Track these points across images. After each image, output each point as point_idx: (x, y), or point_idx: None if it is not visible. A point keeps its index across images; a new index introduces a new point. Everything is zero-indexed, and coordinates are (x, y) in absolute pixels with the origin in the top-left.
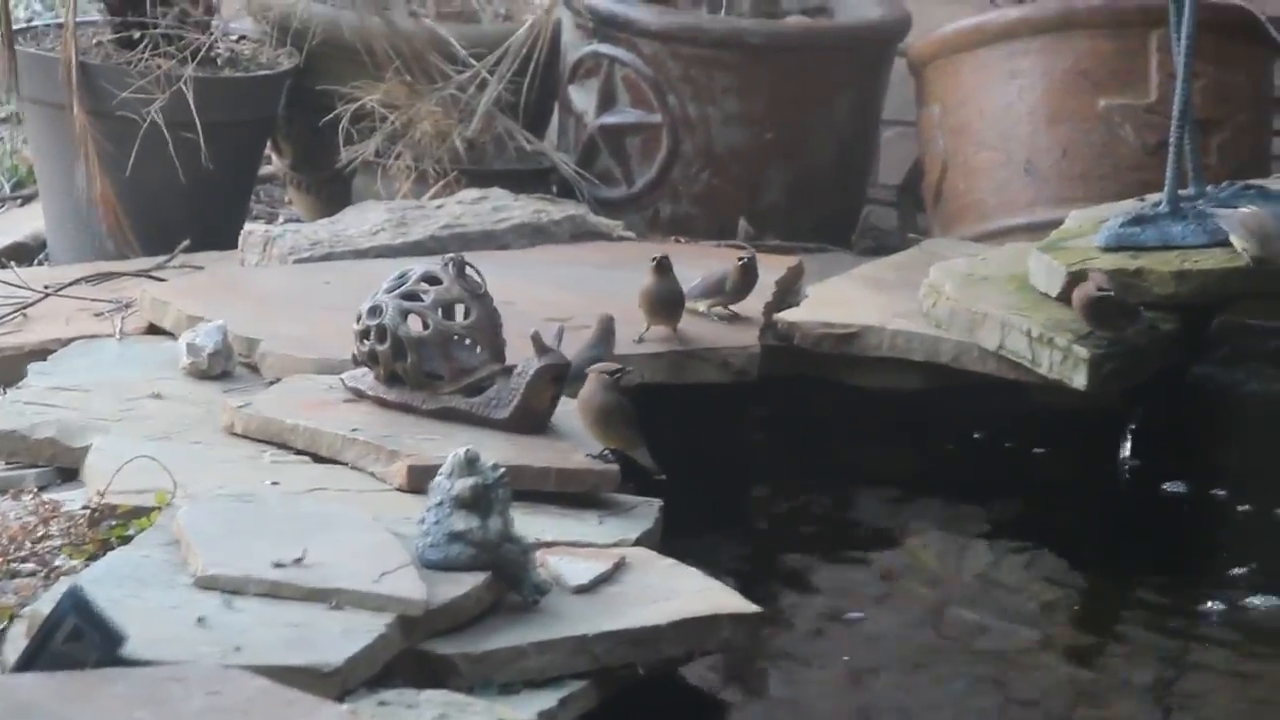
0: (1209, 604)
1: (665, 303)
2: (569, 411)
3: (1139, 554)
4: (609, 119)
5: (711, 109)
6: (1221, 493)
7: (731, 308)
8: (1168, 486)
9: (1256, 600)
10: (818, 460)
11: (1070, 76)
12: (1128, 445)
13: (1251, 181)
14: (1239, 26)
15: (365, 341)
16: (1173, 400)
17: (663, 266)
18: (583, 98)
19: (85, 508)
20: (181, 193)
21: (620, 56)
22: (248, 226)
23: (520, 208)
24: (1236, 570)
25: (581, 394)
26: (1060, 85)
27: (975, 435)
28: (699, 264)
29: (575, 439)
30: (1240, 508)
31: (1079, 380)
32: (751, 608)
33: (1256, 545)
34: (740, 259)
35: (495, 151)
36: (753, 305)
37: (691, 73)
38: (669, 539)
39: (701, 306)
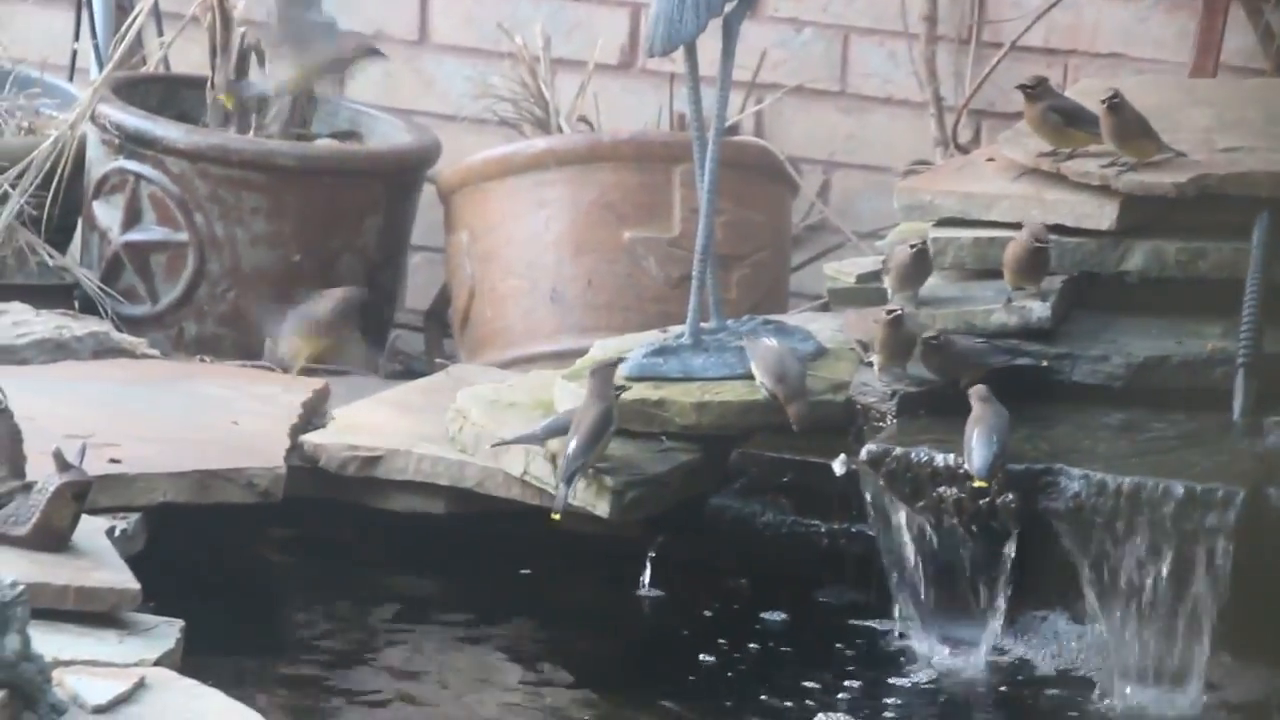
0: None
1: None
2: (91, 530)
3: (657, 679)
4: (134, 236)
5: (239, 229)
6: (737, 619)
7: None
8: (689, 613)
9: None
10: (340, 582)
11: (596, 208)
12: (647, 573)
13: (770, 316)
14: (760, 165)
15: None
16: (691, 529)
17: None
18: (107, 214)
19: None
20: None
21: (146, 173)
22: None
23: (41, 323)
24: (749, 697)
25: None
26: (586, 216)
27: (497, 559)
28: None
29: (95, 556)
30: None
31: (602, 508)
32: None
33: (775, 672)
34: None
35: (16, 265)
36: (279, 428)
37: (219, 192)
38: (191, 659)
39: None
